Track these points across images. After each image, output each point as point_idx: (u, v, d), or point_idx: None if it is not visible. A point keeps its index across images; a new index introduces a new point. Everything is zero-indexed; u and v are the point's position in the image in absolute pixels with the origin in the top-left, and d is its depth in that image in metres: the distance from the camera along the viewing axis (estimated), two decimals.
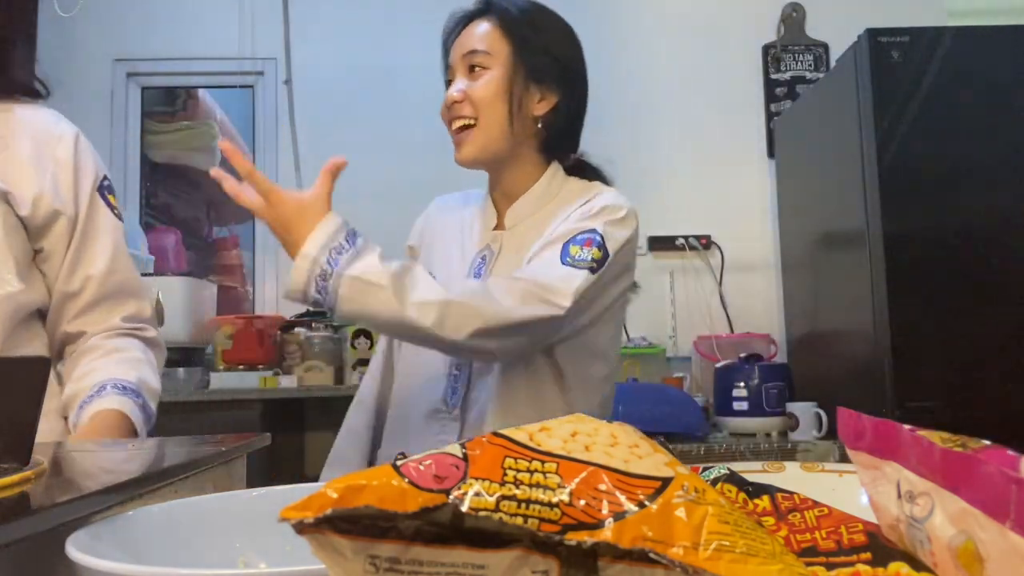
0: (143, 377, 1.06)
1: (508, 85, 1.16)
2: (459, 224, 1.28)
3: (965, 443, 0.31)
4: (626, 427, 0.35)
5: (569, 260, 1.06)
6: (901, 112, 2.08)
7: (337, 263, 0.95)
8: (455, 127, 1.18)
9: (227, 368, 2.61)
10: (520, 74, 1.17)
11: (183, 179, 3.74)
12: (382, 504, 0.28)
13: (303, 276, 0.95)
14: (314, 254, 0.95)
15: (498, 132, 1.16)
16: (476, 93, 1.15)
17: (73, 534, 0.42)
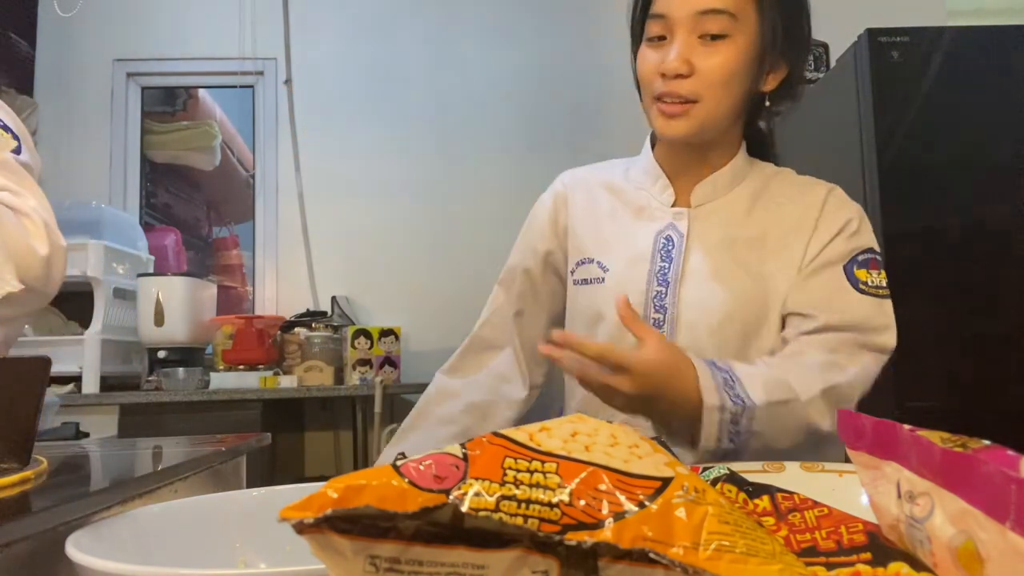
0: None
1: (751, 60, 0.97)
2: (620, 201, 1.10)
3: (965, 443, 0.31)
4: (626, 427, 0.35)
5: (865, 288, 1.00)
6: (901, 112, 2.08)
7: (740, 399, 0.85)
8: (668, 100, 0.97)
9: (227, 368, 2.61)
10: (764, 45, 0.97)
11: (183, 179, 3.74)
12: (382, 504, 0.28)
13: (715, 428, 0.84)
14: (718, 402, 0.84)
15: (726, 111, 0.98)
16: (714, 71, 0.95)
17: (73, 534, 0.42)
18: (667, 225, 1.05)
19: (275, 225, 3.17)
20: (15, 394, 0.59)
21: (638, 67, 1.01)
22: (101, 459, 0.85)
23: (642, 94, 1.02)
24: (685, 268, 1.01)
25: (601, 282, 1.05)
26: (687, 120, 0.97)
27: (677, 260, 1.02)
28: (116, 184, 3.17)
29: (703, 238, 1.03)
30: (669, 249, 1.03)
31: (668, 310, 1.00)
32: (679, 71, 0.95)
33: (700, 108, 0.97)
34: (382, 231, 3.14)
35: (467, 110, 3.18)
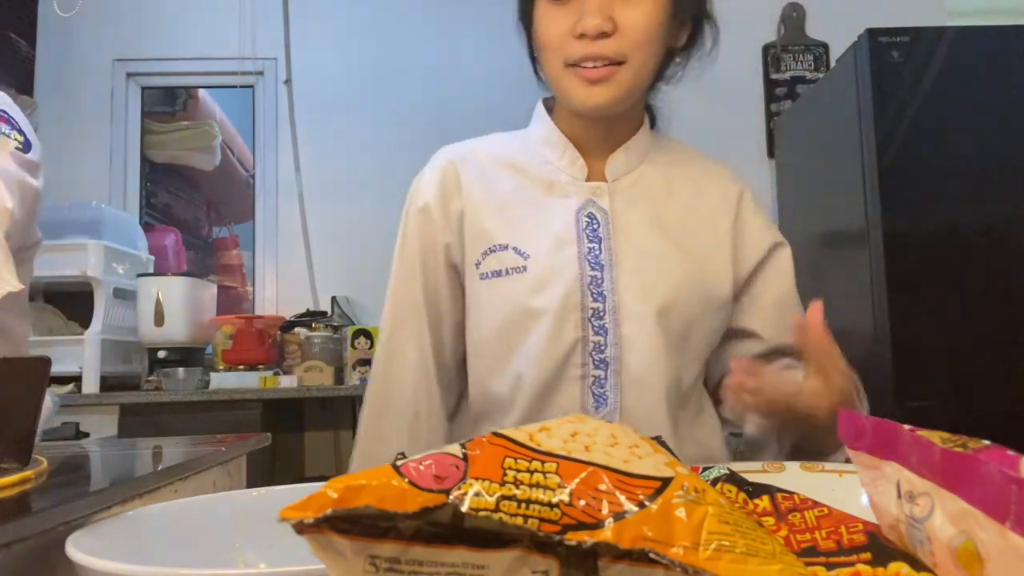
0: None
1: (670, 12, 0.88)
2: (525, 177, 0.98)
3: (965, 443, 0.31)
4: (626, 427, 0.35)
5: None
6: (901, 112, 2.08)
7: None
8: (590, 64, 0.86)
9: (227, 368, 2.61)
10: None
11: (183, 179, 3.74)
12: (382, 504, 0.28)
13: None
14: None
15: (649, 73, 0.90)
16: (639, 27, 0.85)
17: (73, 534, 0.42)
18: (586, 201, 0.94)
19: (275, 225, 3.17)
20: (15, 394, 0.59)
21: (542, 31, 0.89)
22: (101, 459, 0.85)
23: (546, 62, 0.91)
24: (617, 249, 0.92)
25: (522, 271, 0.92)
26: (612, 85, 0.87)
27: (607, 241, 0.92)
28: (116, 184, 3.17)
29: (628, 215, 0.94)
30: (595, 228, 0.93)
31: (607, 297, 0.90)
32: (602, 29, 0.84)
33: (626, 71, 0.87)
34: (382, 231, 3.12)
35: (467, 110, 3.18)
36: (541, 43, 0.90)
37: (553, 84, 0.92)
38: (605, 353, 0.90)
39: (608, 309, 0.90)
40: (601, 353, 0.90)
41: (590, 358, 0.90)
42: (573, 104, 0.90)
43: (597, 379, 0.90)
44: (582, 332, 0.90)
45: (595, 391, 0.90)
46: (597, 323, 0.90)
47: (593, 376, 0.90)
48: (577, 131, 0.97)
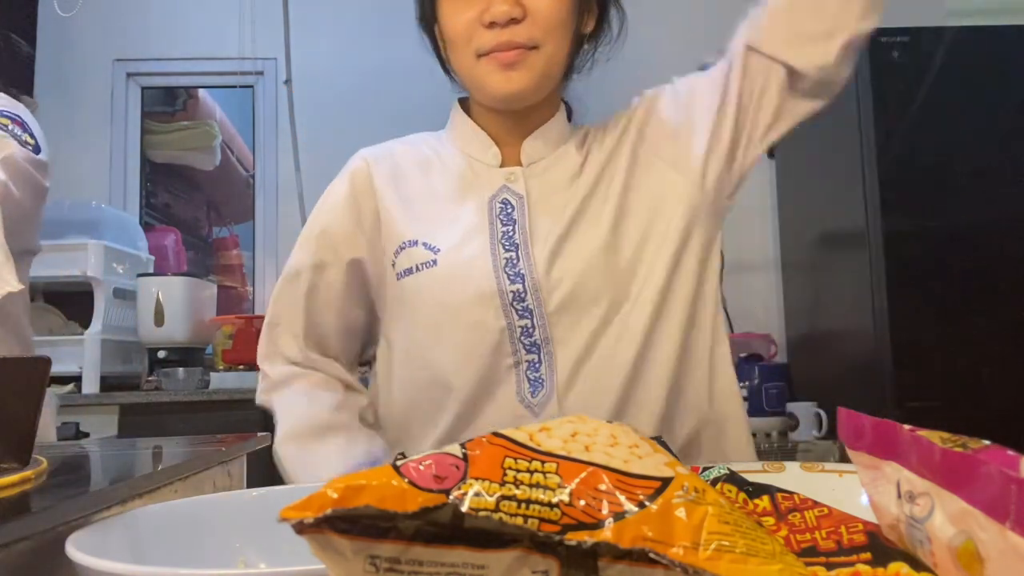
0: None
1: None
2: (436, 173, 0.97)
3: (965, 443, 0.32)
4: (626, 427, 0.35)
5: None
6: (901, 112, 2.08)
7: None
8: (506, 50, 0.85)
9: (227, 368, 2.61)
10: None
11: (183, 179, 3.74)
12: (382, 504, 0.28)
13: None
14: None
15: (562, 59, 0.90)
16: (550, 11, 0.85)
17: (73, 534, 0.42)
18: (500, 188, 0.92)
19: (275, 225, 3.17)
20: (15, 394, 0.59)
21: (448, 25, 0.88)
22: (101, 459, 0.85)
23: (456, 56, 0.90)
24: (533, 228, 0.89)
25: (432, 265, 0.89)
26: (527, 70, 0.86)
27: (522, 221, 0.89)
28: (116, 184, 3.17)
29: (546, 197, 0.91)
30: (509, 212, 0.90)
31: (526, 276, 0.87)
32: (512, 15, 0.83)
33: (539, 56, 0.86)
34: None
35: None
36: (449, 37, 0.89)
37: (465, 77, 0.90)
38: (534, 336, 0.86)
39: (528, 289, 0.86)
40: (530, 336, 0.86)
41: (520, 344, 0.86)
42: (489, 93, 0.88)
43: (531, 363, 0.87)
44: (506, 319, 0.86)
45: (530, 376, 0.87)
46: (520, 306, 0.87)
47: (527, 361, 0.87)
48: (492, 123, 0.96)
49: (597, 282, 0.87)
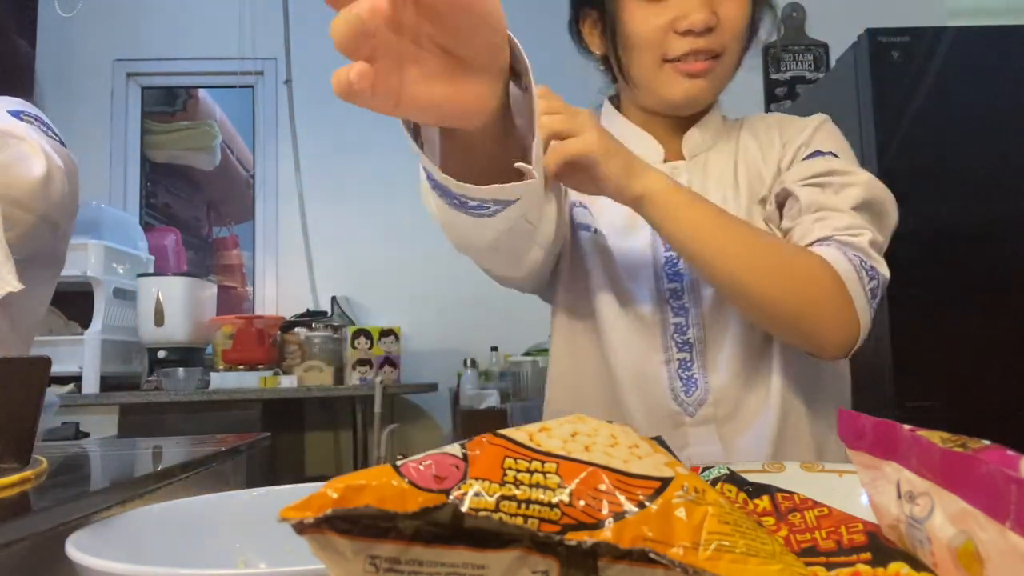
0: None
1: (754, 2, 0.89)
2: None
3: (965, 443, 0.31)
4: (626, 428, 0.35)
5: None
6: (901, 112, 2.08)
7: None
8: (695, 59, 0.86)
9: (227, 368, 2.61)
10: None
11: (183, 179, 3.74)
12: (382, 504, 0.28)
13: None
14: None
15: (738, 63, 0.91)
16: (736, 19, 0.86)
17: (73, 534, 0.42)
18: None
19: (275, 225, 3.17)
20: (15, 394, 0.59)
21: (633, 28, 0.87)
22: (101, 459, 0.85)
23: (637, 59, 0.88)
24: None
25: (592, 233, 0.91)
26: (711, 79, 0.87)
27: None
28: (116, 184, 3.17)
29: (707, 193, 0.90)
30: None
31: (685, 277, 0.88)
32: (710, 24, 0.84)
33: (722, 64, 0.87)
34: (382, 231, 3.14)
35: None
36: (632, 41, 0.87)
37: (643, 81, 0.89)
38: (688, 334, 0.87)
39: (686, 288, 0.88)
40: (683, 335, 0.88)
41: (672, 341, 0.88)
42: (667, 99, 0.89)
43: (683, 362, 0.87)
44: (661, 315, 0.88)
45: (682, 375, 0.87)
46: (676, 304, 0.88)
47: (678, 359, 0.87)
48: (650, 123, 0.96)
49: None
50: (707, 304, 0.87)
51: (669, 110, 0.92)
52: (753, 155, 0.95)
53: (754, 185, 0.92)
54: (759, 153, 0.95)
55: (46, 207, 0.98)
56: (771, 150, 0.94)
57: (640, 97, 0.93)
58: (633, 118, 0.97)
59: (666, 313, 0.88)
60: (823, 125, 0.95)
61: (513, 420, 2.45)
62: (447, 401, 3.01)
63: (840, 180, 0.86)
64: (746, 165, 0.94)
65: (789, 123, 0.97)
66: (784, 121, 0.98)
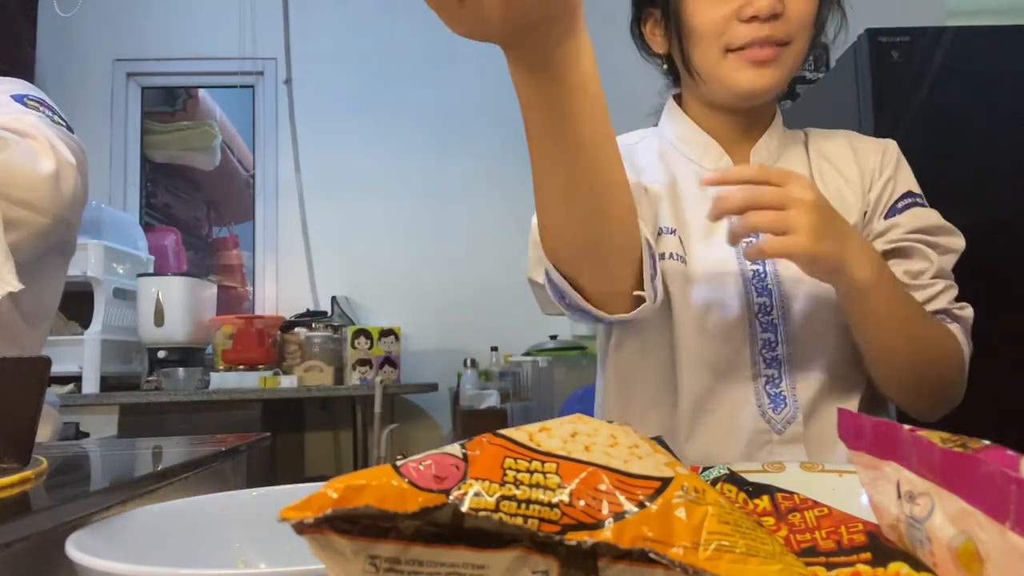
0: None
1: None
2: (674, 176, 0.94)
3: (965, 443, 0.31)
4: (626, 428, 0.35)
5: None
6: (901, 112, 2.08)
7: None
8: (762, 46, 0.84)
9: (227, 368, 2.61)
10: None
11: (183, 179, 3.74)
12: (382, 504, 0.28)
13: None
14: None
15: (804, 55, 0.89)
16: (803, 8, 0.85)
17: (73, 534, 0.42)
18: None
19: (275, 225, 3.17)
20: (15, 394, 0.59)
21: (698, 18, 0.86)
22: (101, 459, 0.85)
23: (702, 50, 0.87)
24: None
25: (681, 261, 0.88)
26: (778, 67, 0.85)
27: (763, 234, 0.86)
28: (116, 184, 3.17)
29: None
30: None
31: (773, 292, 0.87)
32: (776, 10, 0.82)
33: (790, 53, 0.85)
34: (382, 231, 3.14)
35: (467, 109, 3.19)
36: (697, 31, 0.86)
37: (708, 72, 0.88)
38: (777, 351, 0.86)
39: (775, 305, 0.86)
40: (772, 351, 0.86)
41: (760, 357, 0.86)
42: (733, 89, 0.87)
43: (771, 378, 0.86)
44: (749, 330, 0.86)
45: (770, 391, 0.86)
46: (764, 319, 0.86)
47: (765, 376, 0.86)
48: (715, 126, 0.94)
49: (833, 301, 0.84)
50: (797, 321, 0.86)
51: (735, 101, 0.90)
52: (831, 176, 0.93)
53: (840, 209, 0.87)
54: (837, 175, 0.93)
55: (58, 208, 0.96)
56: (850, 172, 0.93)
57: (705, 91, 0.91)
58: (701, 120, 0.95)
59: (755, 328, 0.86)
60: (900, 156, 0.96)
61: (513, 420, 2.45)
62: (447, 401, 3.01)
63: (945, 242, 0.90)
64: (824, 186, 0.92)
65: (860, 143, 0.96)
66: (853, 140, 0.97)
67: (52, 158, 0.95)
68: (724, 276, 0.87)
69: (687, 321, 0.88)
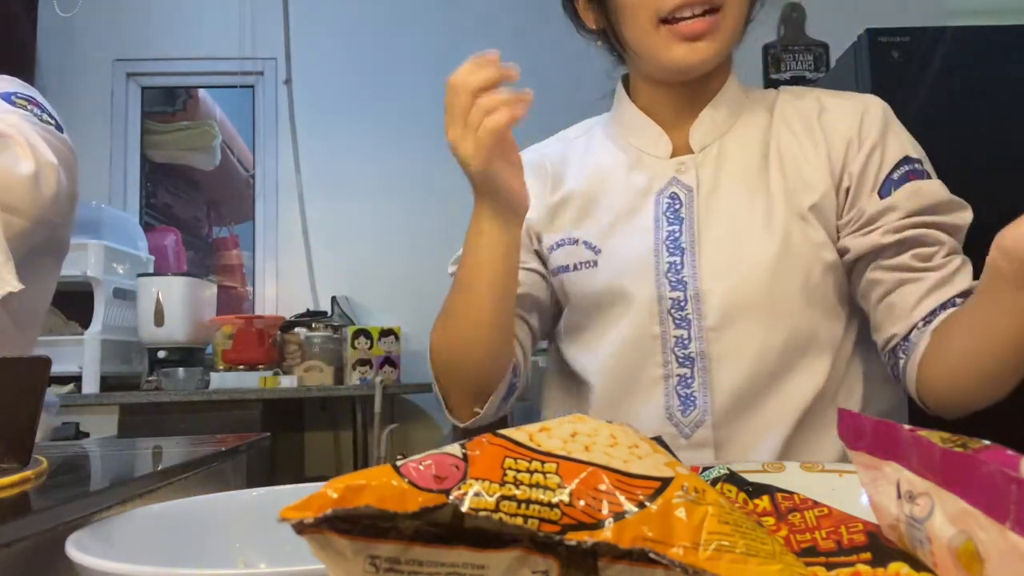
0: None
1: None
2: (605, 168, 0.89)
3: (965, 443, 0.31)
4: (626, 428, 0.35)
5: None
6: (901, 112, 2.08)
7: None
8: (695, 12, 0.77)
9: (227, 368, 2.61)
10: None
11: (183, 179, 3.74)
12: (382, 504, 0.28)
13: None
14: None
15: (743, 18, 0.81)
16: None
17: (73, 534, 0.42)
18: (669, 181, 0.84)
19: (275, 225, 3.17)
20: (15, 394, 0.59)
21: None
22: (101, 459, 0.85)
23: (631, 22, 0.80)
24: (701, 227, 0.82)
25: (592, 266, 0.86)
26: (713, 39, 0.78)
27: (689, 220, 0.82)
28: (116, 184, 3.17)
29: (718, 189, 0.83)
30: (676, 209, 0.83)
31: (688, 284, 0.80)
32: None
33: (726, 18, 0.79)
34: (382, 231, 3.14)
35: None
36: (623, 3, 0.80)
37: (638, 46, 0.82)
38: (689, 348, 0.80)
39: (689, 298, 0.80)
40: (685, 348, 0.80)
41: (672, 355, 0.81)
42: (667, 65, 0.81)
43: (683, 378, 0.80)
44: (661, 327, 0.81)
45: (680, 392, 0.80)
46: (678, 315, 0.80)
47: (678, 375, 0.80)
48: (659, 101, 0.88)
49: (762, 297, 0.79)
50: (713, 317, 0.79)
51: (672, 76, 0.84)
52: (792, 152, 0.84)
53: (797, 193, 0.82)
54: (799, 151, 0.83)
55: (39, 209, 0.93)
56: (815, 145, 0.83)
57: (642, 66, 0.87)
58: (641, 100, 0.90)
59: (667, 324, 0.81)
60: (888, 116, 0.86)
61: (513, 420, 2.45)
62: None
63: (954, 219, 0.80)
64: (782, 163, 0.83)
65: (832, 102, 0.85)
66: (825, 98, 0.86)
67: (31, 159, 0.92)
68: (637, 270, 0.83)
69: (597, 320, 0.85)
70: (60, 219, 1.02)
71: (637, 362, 0.82)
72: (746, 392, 0.79)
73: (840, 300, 0.82)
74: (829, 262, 0.80)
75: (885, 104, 0.88)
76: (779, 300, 0.79)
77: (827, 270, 0.80)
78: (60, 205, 0.98)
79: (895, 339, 0.78)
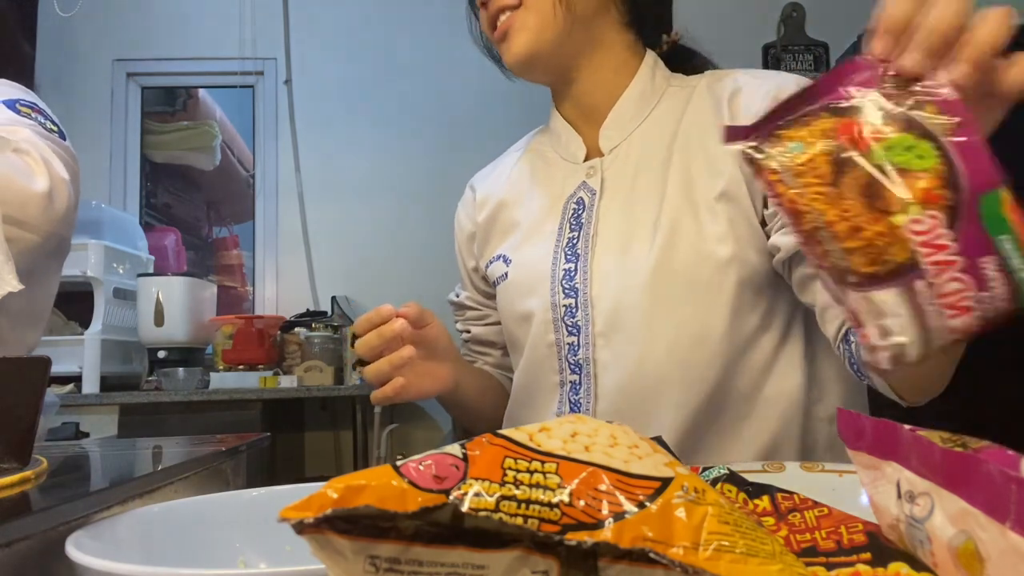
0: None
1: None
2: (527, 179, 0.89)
3: (965, 443, 0.32)
4: (625, 428, 0.35)
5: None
6: None
7: None
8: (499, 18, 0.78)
9: (227, 368, 2.61)
10: None
11: (183, 179, 3.74)
12: (382, 504, 0.28)
13: None
14: None
15: (550, 7, 0.77)
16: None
17: (73, 534, 0.42)
18: (578, 186, 0.83)
19: (275, 225, 3.17)
20: (15, 394, 0.59)
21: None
22: (101, 459, 0.85)
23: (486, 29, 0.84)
24: (599, 231, 0.80)
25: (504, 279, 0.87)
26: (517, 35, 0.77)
27: (587, 225, 0.80)
28: (116, 184, 3.17)
29: (619, 192, 0.80)
30: (579, 214, 0.81)
31: (579, 291, 0.79)
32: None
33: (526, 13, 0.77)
34: (382, 231, 3.14)
35: (467, 109, 3.18)
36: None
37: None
38: (579, 355, 0.79)
39: (579, 305, 0.78)
40: (575, 355, 0.79)
41: (566, 362, 0.80)
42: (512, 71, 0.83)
43: (573, 384, 0.80)
44: (556, 334, 0.80)
45: (571, 398, 0.79)
46: (570, 321, 0.79)
47: (570, 382, 0.80)
48: (573, 109, 0.86)
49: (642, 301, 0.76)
50: (600, 323, 0.77)
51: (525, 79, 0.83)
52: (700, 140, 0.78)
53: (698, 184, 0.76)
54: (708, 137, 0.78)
55: (50, 225, 0.94)
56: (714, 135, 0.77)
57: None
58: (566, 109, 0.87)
59: (560, 332, 0.80)
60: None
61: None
62: None
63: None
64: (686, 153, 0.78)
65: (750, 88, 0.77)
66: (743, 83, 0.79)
67: (46, 175, 0.93)
68: (537, 280, 0.82)
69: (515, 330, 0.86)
70: (68, 231, 1.03)
71: (538, 370, 0.83)
72: (629, 396, 0.76)
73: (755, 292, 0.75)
74: (725, 257, 0.73)
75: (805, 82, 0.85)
76: (660, 303, 0.75)
77: (723, 266, 0.74)
78: (69, 218, 0.99)
79: (844, 327, 0.72)
